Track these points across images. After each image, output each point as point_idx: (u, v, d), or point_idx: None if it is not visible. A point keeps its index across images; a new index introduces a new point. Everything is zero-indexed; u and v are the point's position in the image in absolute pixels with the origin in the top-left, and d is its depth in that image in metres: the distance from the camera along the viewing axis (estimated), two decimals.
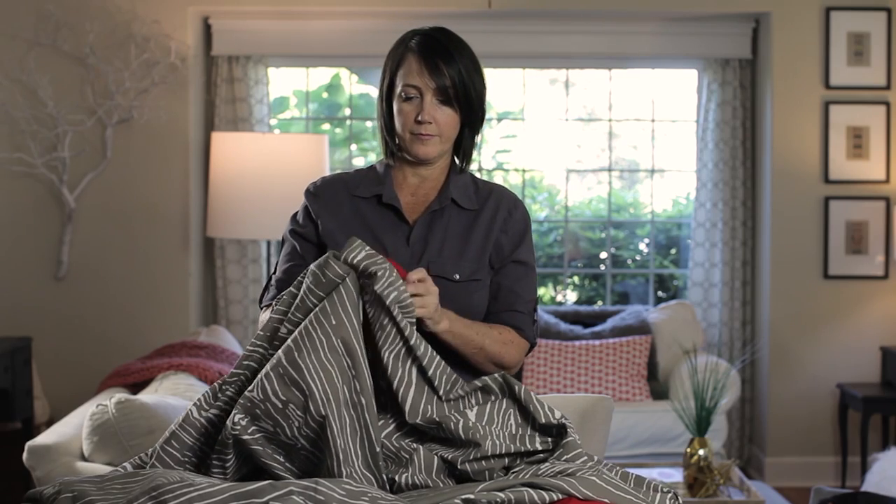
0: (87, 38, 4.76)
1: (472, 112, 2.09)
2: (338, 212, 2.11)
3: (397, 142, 2.10)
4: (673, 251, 5.79)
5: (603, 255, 5.75)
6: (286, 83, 5.68)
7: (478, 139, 2.17)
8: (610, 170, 5.60)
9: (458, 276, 2.07)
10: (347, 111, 5.70)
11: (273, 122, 5.57)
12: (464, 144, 2.13)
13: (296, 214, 2.16)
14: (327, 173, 4.49)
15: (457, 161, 2.16)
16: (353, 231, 2.06)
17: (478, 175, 2.29)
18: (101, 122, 4.83)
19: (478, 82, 2.09)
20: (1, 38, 4.79)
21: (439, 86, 2.02)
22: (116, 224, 4.85)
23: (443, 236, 2.09)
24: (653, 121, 5.49)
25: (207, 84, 5.14)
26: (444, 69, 2.02)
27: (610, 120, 5.53)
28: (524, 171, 5.63)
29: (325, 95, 5.87)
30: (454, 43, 2.07)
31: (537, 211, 5.99)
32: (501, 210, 2.14)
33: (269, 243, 4.78)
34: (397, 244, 2.08)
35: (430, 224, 2.10)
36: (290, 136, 4.75)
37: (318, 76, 5.76)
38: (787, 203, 4.97)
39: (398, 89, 2.05)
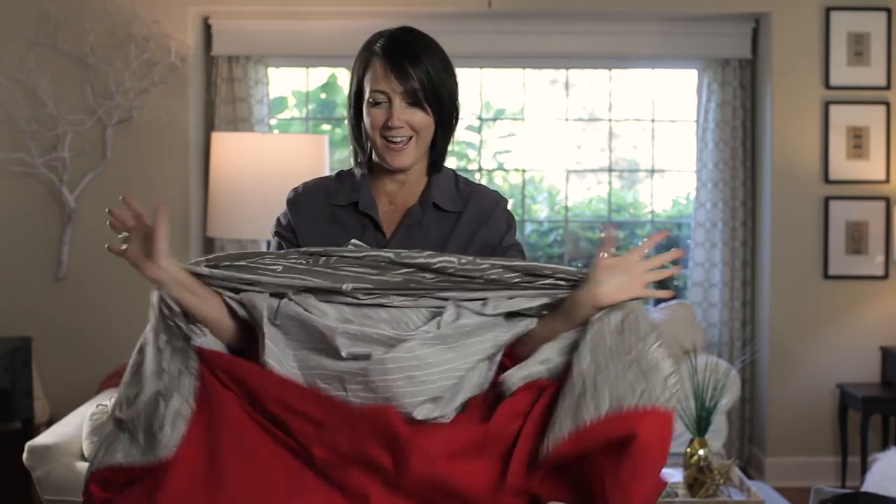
0: (87, 38, 4.76)
1: (443, 112, 2.02)
2: (316, 222, 2.08)
3: (370, 149, 2.06)
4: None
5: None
6: (284, 83, 5.68)
7: (453, 139, 2.10)
8: (610, 170, 5.60)
9: None
10: (346, 111, 5.69)
11: (272, 122, 5.57)
12: (438, 145, 2.06)
13: (279, 218, 2.13)
14: (327, 173, 4.51)
15: (435, 162, 2.10)
16: (331, 242, 2.03)
17: (477, 176, 2.27)
18: (101, 122, 4.83)
19: (448, 81, 2.01)
20: (1, 38, 4.79)
21: (407, 89, 1.95)
22: None
23: (422, 245, 2.03)
24: (653, 121, 5.49)
25: (207, 84, 5.14)
26: (410, 71, 1.95)
27: (610, 120, 5.53)
28: (524, 171, 5.63)
29: (322, 95, 5.87)
30: (420, 43, 2.00)
31: (537, 211, 5.99)
32: (482, 211, 2.08)
33: (268, 243, 4.76)
34: None
35: (410, 233, 2.05)
36: (290, 136, 4.75)
37: (316, 76, 5.76)
38: (787, 203, 4.97)
39: (366, 95, 2.00)
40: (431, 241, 2.04)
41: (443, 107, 2.01)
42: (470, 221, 2.07)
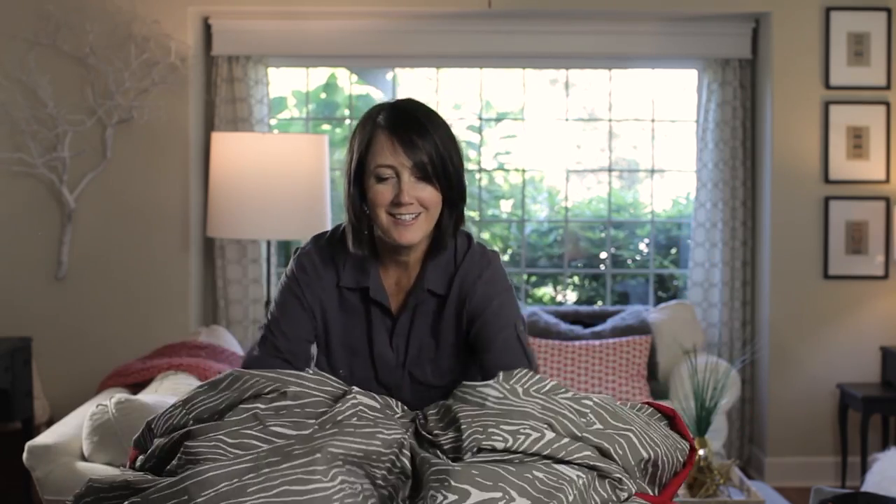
0: (87, 38, 4.76)
1: (451, 188, 1.90)
2: (329, 306, 2.01)
3: (371, 228, 1.95)
4: (673, 251, 5.78)
5: (603, 255, 5.74)
6: (284, 83, 5.68)
7: (461, 222, 1.97)
8: (610, 170, 5.59)
9: (439, 383, 2.00)
10: (346, 111, 5.70)
11: (272, 122, 5.56)
12: (443, 225, 1.94)
13: (296, 287, 2.01)
14: (327, 174, 4.50)
15: (437, 243, 1.99)
16: (348, 328, 1.99)
17: (477, 176, 2.23)
18: (101, 122, 4.83)
19: (455, 155, 1.90)
20: (1, 38, 4.79)
21: (416, 163, 1.84)
22: (116, 224, 4.85)
23: (420, 335, 1.99)
24: (653, 121, 5.49)
25: (207, 84, 5.14)
26: (419, 143, 1.84)
27: (610, 120, 5.52)
28: (524, 171, 5.62)
29: (323, 96, 5.87)
30: (426, 114, 1.89)
31: (537, 211, 5.99)
32: (464, 288, 1.98)
33: (269, 243, 4.78)
34: (383, 350, 2.01)
35: (411, 321, 1.99)
36: (290, 136, 4.75)
37: (316, 76, 5.76)
38: (787, 203, 4.97)
39: (370, 170, 1.87)
40: (426, 331, 2.00)
41: (451, 182, 1.90)
42: (453, 303, 1.99)
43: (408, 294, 1.99)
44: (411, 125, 1.86)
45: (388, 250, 1.97)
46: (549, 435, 1.60)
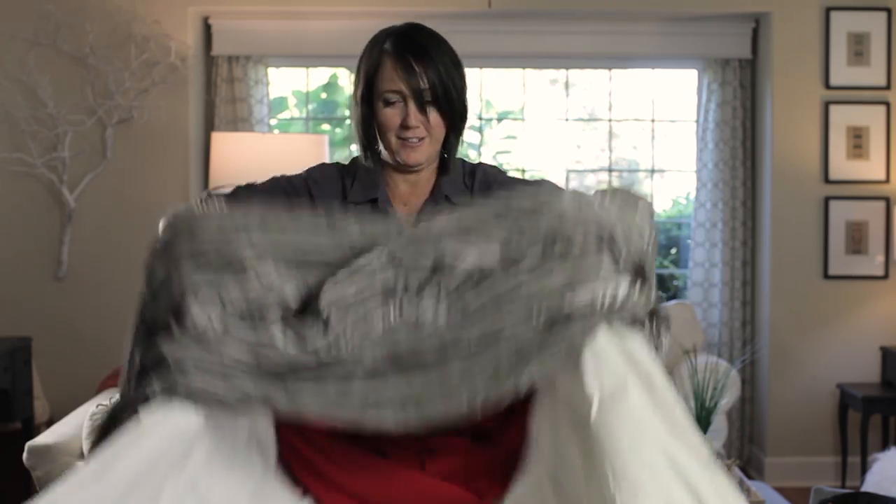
0: (87, 38, 4.76)
1: (454, 111, 2.02)
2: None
3: (379, 147, 2.06)
4: (673, 251, 5.79)
5: None
6: (284, 83, 5.68)
7: (462, 139, 2.11)
8: (610, 170, 5.60)
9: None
10: (346, 111, 5.70)
11: (272, 122, 5.56)
12: (449, 146, 2.07)
13: (303, 180, 2.12)
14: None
15: (447, 159, 2.11)
16: None
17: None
18: (101, 122, 4.83)
19: (457, 80, 2.02)
20: (1, 38, 4.79)
21: (421, 90, 1.96)
22: (116, 224, 4.85)
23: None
24: (653, 121, 5.49)
25: (207, 84, 5.14)
26: (424, 72, 1.96)
27: (610, 120, 5.53)
28: (524, 171, 5.63)
29: (323, 95, 5.87)
30: (431, 41, 2.02)
31: None
32: (488, 185, 2.09)
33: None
34: None
35: None
36: (291, 136, 4.75)
37: (316, 76, 5.76)
38: (787, 203, 4.97)
39: (379, 93, 1.99)
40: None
41: (453, 106, 2.01)
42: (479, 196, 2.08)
43: (424, 205, 2.07)
44: (416, 52, 1.98)
45: (397, 170, 2.07)
46: None
